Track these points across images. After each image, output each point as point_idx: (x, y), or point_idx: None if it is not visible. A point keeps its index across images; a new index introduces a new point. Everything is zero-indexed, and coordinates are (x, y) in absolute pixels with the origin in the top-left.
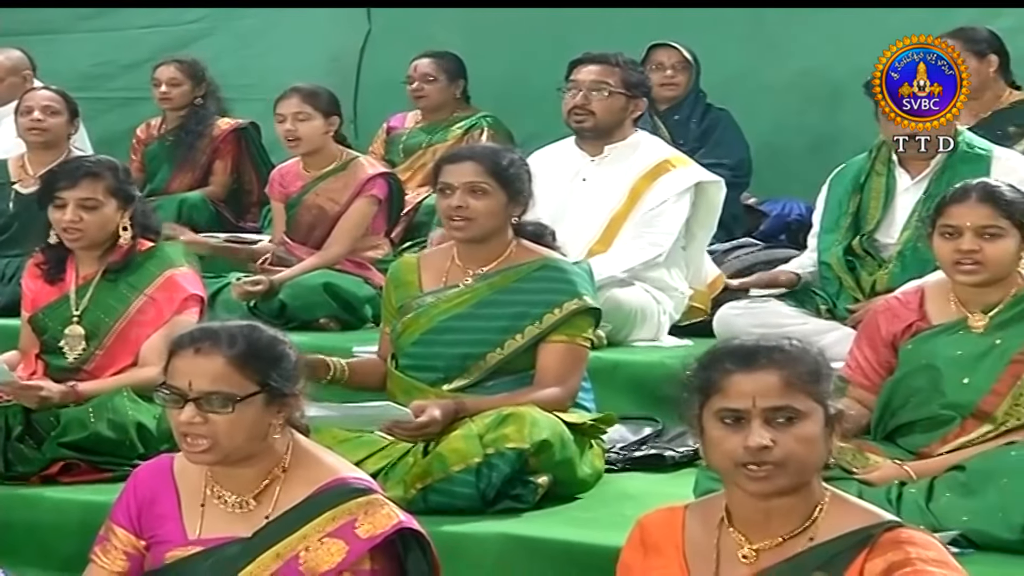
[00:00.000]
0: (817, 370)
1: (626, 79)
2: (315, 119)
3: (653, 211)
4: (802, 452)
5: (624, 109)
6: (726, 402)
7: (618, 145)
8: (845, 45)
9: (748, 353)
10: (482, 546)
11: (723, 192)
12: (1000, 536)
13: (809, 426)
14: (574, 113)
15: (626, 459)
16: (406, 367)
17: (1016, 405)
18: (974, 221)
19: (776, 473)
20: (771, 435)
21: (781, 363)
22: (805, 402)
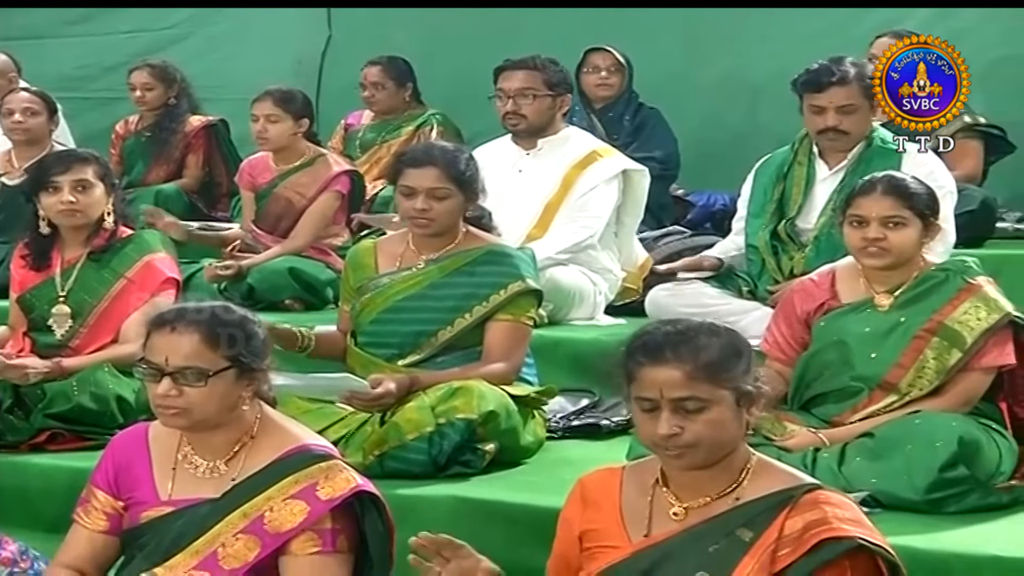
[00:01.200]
0: (725, 358)
1: (549, 80)
2: (285, 121)
3: (584, 197)
4: (711, 434)
5: (552, 107)
6: (640, 391)
7: (550, 139)
8: (765, 49)
9: (656, 347)
10: (434, 507)
11: (647, 180)
12: (905, 497)
13: (716, 411)
14: (508, 118)
15: (565, 428)
16: (364, 344)
17: (919, 377)
18: (879, 212)
19: (689, 453)
20: (679, 422)
21: (685, 357)
22: (710, 391)
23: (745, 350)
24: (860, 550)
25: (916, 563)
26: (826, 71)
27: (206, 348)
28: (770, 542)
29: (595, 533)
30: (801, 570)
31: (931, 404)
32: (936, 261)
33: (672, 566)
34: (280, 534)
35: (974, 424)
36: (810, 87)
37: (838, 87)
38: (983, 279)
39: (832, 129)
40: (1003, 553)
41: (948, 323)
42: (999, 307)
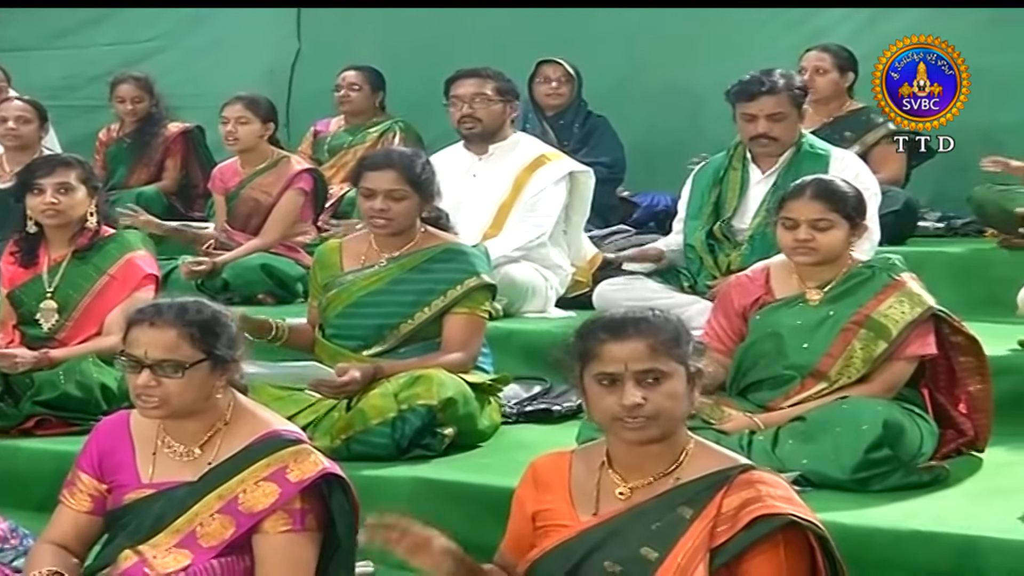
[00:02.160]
0: (677, 336)
1: (499, 87)
2: (253, 123)
3: (534, 198)
4: (669, 406)
5: (503, 112)
6: (602, 367)
7: (501, 144)
8: (705, 60)
9: (619, 324)
10: (397, 488)
11: (592, 180)
12: (834, 476)
13: (674, 384)
14: (464, 122)
15: (519, 413)
16: (331, 336)
17: (847, 366)
18: (808, 215)
19: (648, 424)
20: (642, 393)
21: (647, 332)
22: (669, 364)
23: (691, 334)
24: (792, 526)
25: (844, 537)
26: (757, 82)
27: (183, 342)
28: (709, 519)
29: (546, 513)
30: (738, 545)
31: (858, 390)
32: (863, 258)
33: (618, 542)
34: (253, 514)
35: (898, 409)
36: (742, 96)
37: (768, 96)
38: (907, 275)
39: (763, 136)
40: (923, 528)
41: (874, 316)
42: (922, 301)
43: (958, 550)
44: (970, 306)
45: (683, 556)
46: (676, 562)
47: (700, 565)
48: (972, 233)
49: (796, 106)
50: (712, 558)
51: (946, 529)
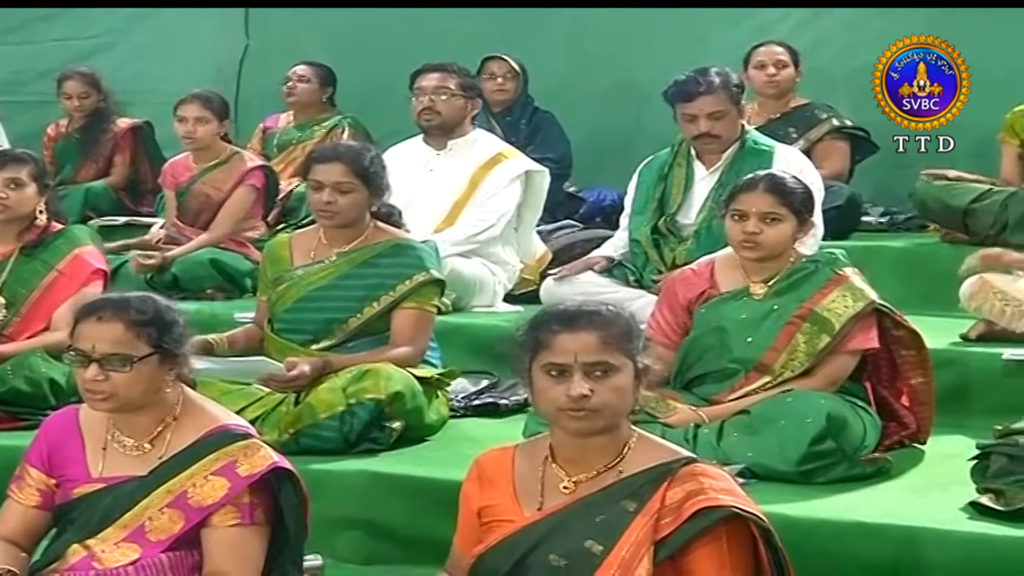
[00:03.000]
0: (629, 331)
1: (462, 83)
2: (212, 122)
3: (488, 195)
4: (615, 400)
5: (464, 108)
6: (552, 357)
7: (459, 140)
8: (650, 56)
9: (571, 316)
10: (345, 481)
11: (547, 180)
12: (778, 469)
13: (621, 378)
14: (423, 114)
15: (467, 407)
16: (280, 330)
17: (791, 359)
18: (759, 208)
19: (593, 416)
20: (589, 385)
21: (599, 325)
22: (618, 358)
23: (641, 331)
24: (735, 518)
25: (788, 529)
26: (693, 82)
27: (130, 336)
28: (653, 511)
29: (492, 508)
30: (681, 537)
31: (802, 384)
32: (807, 253)
33: (563, 536)
34: (203, 508)
35: (841, 402)
36: (680, 98)
37: (706, 96)
38: (850, 270)
39: (705, 135)
40: (866, 519)
41: (818, 310)
42: (864, 296)
43: (900, 541)
44: (912, 300)
45: (627, 549)
46: (620, 555)
47: (644, 558)
48: (914, 228)
49: (735, 103)
50: (656, 551)
51: (889, 521)
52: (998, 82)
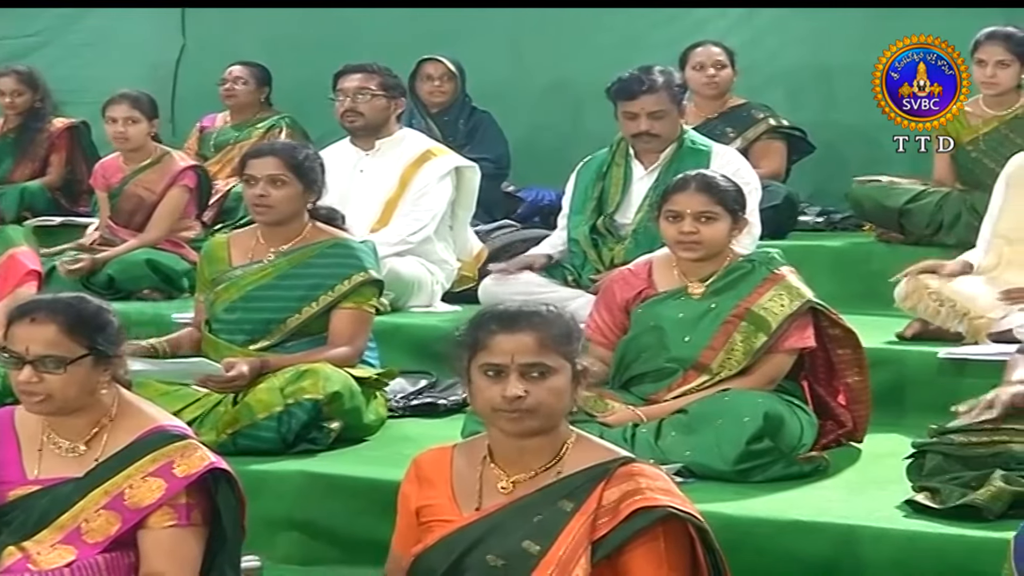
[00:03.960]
0: (568, 333)
1: (384, 83)
2: (142, 122)
3: (420, 193)
4: (551, 401)
5: (387, 108)
6: (489, 357)
7: (387, 140)
8: (588, 56)
9: (510, 317)
10: (283, 482)
11: (478, 176)
12: (716, 467)
13: (558, 380)
14: (346, 116)
15: (405, 407)
16: (218, 330)
17: (728, 358)
18: (693, 207)
19: (528, 417)
20: (525, 387)
21: (537, 326)
22: (556, 360)
23: (581, 332)
24: (672, 518)
25: (726, 528)
26: (636, 80)
27: (64, 337)
28: (590, 511)
29: (430, 508)
30: (618, 537)
31: (739, 383)
32: (743, 252)
33: (500, 536)
34: (139, 509)
35: (778, 401)
36: (622, 95)
37: (647, 95)
38: (786, 269)
39: (645, 133)
40: (803, 518)
41: (754, 309)
42: (800, 295)
43: (837, 539)
44: (849, 299)
45: (564, 549)
46: (558, 555)
47: (582, 558)
48: (851, 227)
49: (676, 103)
50: (593, 550)
51: (826, 519)
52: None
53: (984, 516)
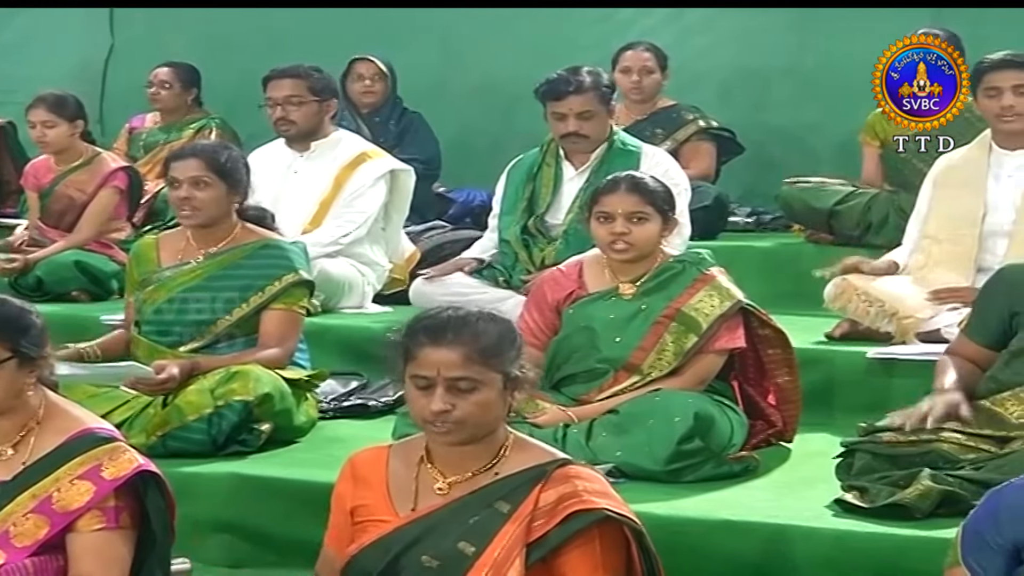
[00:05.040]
0: (498, 343)
1: (313, 87)
2: (60, 125)
3: (354, 195)
4: (478, 413)
5: (319, 112)
6: (418, 369)
7: (322, 142)
8: (518, 58)
9: (439, 329)
10: (214, 484)
11: (413, 179)
12: (647, 468)
13: (486, 393)
14: (279, 124)
15: (336, 408)
16: (148, 332)
17: (659, 359)
18: (624, 208)
19: (456, 430)
20: (452, 400)
21: (465, 340)
22: (483, 373)
23: (518, 339)
24: (608, 520)
25: (657, 528)
26: (564, 81)
27: None
28: (526, 513)
29: (365, 508)
30: (554, 539)
31: (670, 383)
32: (674, 253)
33: (436, 537)
34: (68, 513)
35: (708, 401)
36: (550, 96)
37: (576, 95)
38: (716, 269)
39: (574, 134)
40: (734, 517)
41: (685, 310)
42: (730, 295)
43: (767, 538)
44: (778, 300)
45: (500, 551)
46: (493, 556)
47: (517, 559)
48: (780, 228)
49: (605, 103)
50: (529, 552)
51: (756, 518)
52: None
53: (912, 515)
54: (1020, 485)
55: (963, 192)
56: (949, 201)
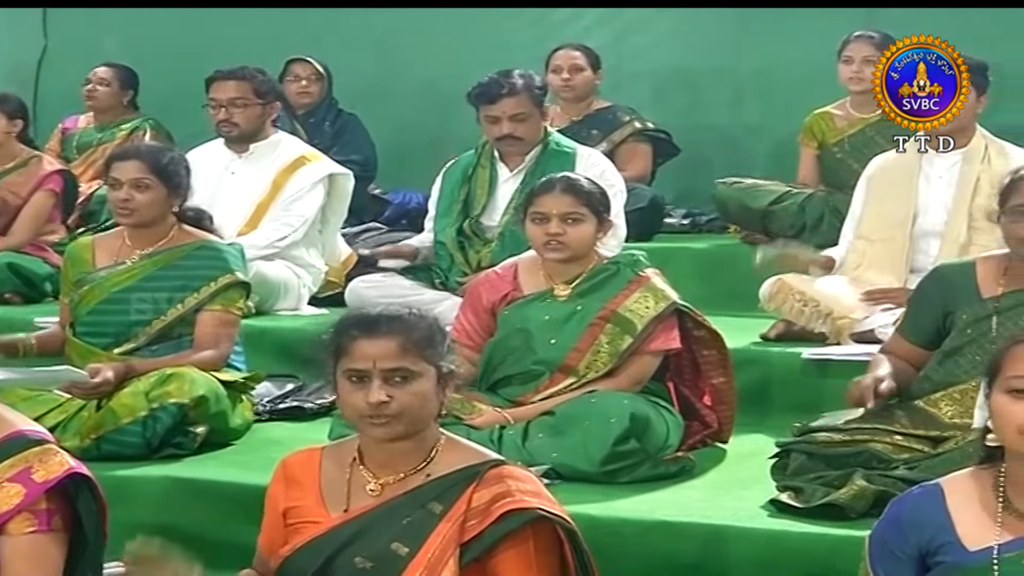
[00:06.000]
0: (431, 336)
1: (257, 89)
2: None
3: (291, 198)
4: (416, 405)
5: (262, 114)
6: (352, 363)
7: (261, 144)
8: (455, 59)
9: (372, 322)
10: (149, 487)
11: (351, 183)
12: (583, 469)
13: (422, 384)
14: (221, 126)
15: (272, 410)
16: (82, 333)
17: (594, 360)
18: (559, 209)
19: (393, 423)
20: (389, 392)
21: (399, 331)
22: (419, 364)
23: (447, 335)
24: (541, 520)
25: (593, 529)
26: (496, 84)
27: None
28: (459, 514)
29: (298, 510)
30: (488, 539)
31: (606, 384)
32: (609, 255)
33: (369, 538)
34: None
35: (644, 402)
36: (483, 100)
37: (508, 98)
38: (651, 271)
39: (508, 136)
40: (670, 518)
41: (620, 311)
42: (666, 296)
43: (703, 539)
44: (714, 301)
45: (433, 551)
46: (426, 557)
47: (450, 560)
48: (716, 229)
49: (538, 105)
50: (462, 553)
51: (692, 519)
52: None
53: (847, 515)
54: (918, 493)
55: (895, 193)
56: (881, 202)
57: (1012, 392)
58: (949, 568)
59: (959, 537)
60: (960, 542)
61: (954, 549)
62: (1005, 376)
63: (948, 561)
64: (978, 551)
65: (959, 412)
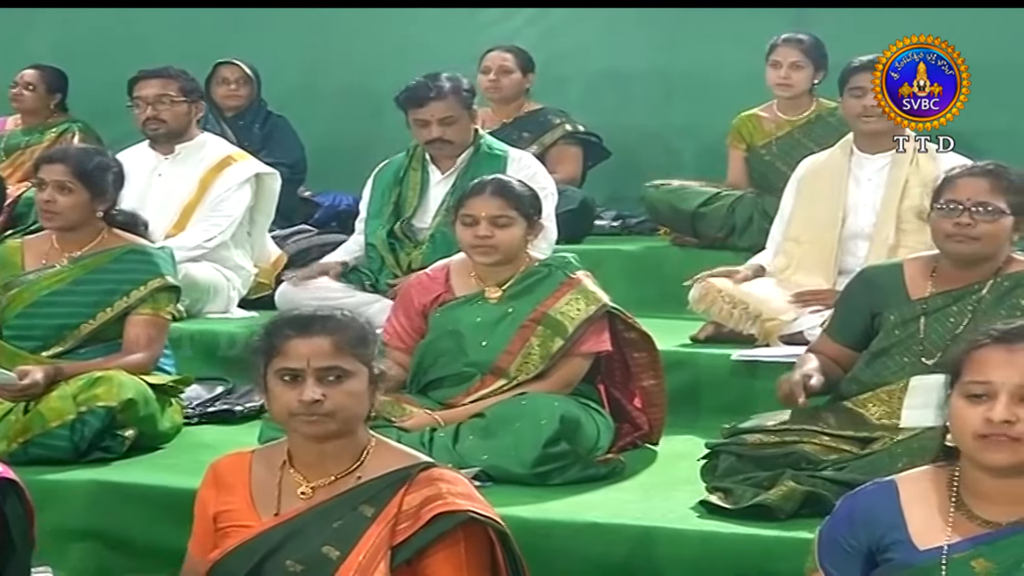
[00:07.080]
0: (363, 336)
1: (183, 87)
2: None
3: (218, 198)
4: (349, 404)
5: (188, 113)
6: (285, 363)
7: (187, 145)
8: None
9: (305, 321)
10: (76, 491)
11: (278, 183)
12: (514, 471)
13: (355, 383)
14: (148, 124)
15: (201, 414)
16: (10, 337)
17: (526, 362)
18: (488, 211)
19: (326, 421)
20: (322, 390)
21: (332, 330)
22: (352, 363)
23: (378, 336)
24: (472, 522)
25: (524, 531)
26: (424, 87)
27: None
28: (390, 517)
29: (228, 514)
30: (419, 542)
31: (537, 386)
32: (540, 257)
33: (300, 542)
34: None
35: (575, 404)
36: (411, 103)
37: (436, 102)
38: (582, 273)
39: (438, 140)
40: (600, 520)
41: (551, 313)
42: (596, 299)
43: (634, 540)
44: (644, 303)
45: (364, 554)
46: (357, 560)
47: (381, 563)
48: (646, 231)
49: (466, 108)
50: (393, 555)
51: (622, 520)
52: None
53: (776, 516)
54: (872, 489)
55: (824, 195)
56: (810, 204)
57: (969, 397)
58: (897, 566)
59: (910, 535)
60: (911, 540)
61: (904, 547)
62: (963, 381)
63: (897, 559)
64: (927, 551)
65: (887, 413)
